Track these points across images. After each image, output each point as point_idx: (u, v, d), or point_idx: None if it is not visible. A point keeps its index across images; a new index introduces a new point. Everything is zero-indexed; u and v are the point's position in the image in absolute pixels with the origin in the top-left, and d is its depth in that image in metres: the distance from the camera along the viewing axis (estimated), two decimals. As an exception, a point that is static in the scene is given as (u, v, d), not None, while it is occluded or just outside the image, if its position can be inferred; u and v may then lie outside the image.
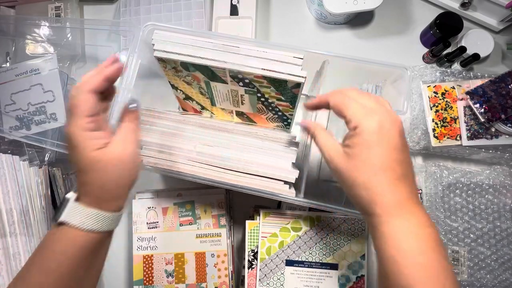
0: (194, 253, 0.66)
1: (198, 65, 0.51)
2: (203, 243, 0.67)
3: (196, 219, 0.67)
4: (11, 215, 0.61)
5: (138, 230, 0.67)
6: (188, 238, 0.67)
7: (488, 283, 0.69)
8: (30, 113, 0.72)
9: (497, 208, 0.72)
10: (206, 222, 0.67)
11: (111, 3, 0.87)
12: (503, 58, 0.82)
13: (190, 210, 0.67)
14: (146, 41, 0.58)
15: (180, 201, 0.68)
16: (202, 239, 0.67)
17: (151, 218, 0.67)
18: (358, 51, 0.83)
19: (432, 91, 0.74)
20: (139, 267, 0.65)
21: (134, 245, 0.66)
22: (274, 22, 0.86)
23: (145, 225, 0.67)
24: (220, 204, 0.68)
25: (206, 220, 0.67)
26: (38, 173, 0.68)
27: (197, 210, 0.67)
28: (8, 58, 0.80)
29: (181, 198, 0.68)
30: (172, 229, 0.67)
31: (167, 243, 0.67)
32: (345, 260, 0.66)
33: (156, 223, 0.67)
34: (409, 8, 0.85)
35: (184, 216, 0.68)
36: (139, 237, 0.66)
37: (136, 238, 0.66)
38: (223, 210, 0.68)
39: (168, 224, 0.67)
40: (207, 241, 0.67)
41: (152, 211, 0.68)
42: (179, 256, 0.66)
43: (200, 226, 0.67)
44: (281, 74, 0.48)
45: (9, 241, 0.60)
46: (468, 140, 0.72)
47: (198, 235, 0.67)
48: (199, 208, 0.68)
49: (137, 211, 0.68)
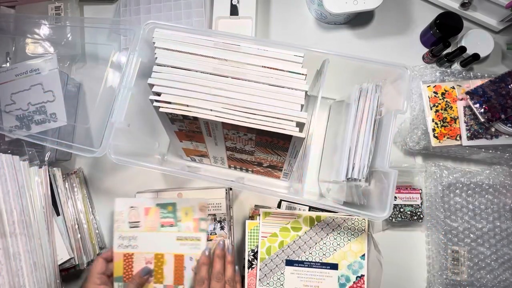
0: (173, 255, 0.67)
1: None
2: (182, 246, 0.67)
3: (177, 221, 0.68)
4: (11, 215, 0.61)
5: (119, 228, 0.67)
6: (169, 240, 0.67)
7: (488, 283, 0.69)
8: (30, 113, 0.72)
9: (497, 208, 0.72)
10: (186, 225, 0.68)
11: (111, 3, 0.87)
12: (503, 58, 0.82)
13: (172, 212, 0.68)
14: (146, 39, 0.58)
15: (162, 202, 0.68)
16: (182, 241, 0.67)
17: (132, 217, 0.68)
18: (358, 51, 0.83)
19: (432, 91, 0.74)
20: (119, 264, 0.66)
21: (115, 242, 0.67)
22: (274, 22, 0.86)
23: (127, 224, 0.67)
24: (201, 208, 0.68)
25: (187, 223, 0.68)
26: (38, 173, 0.68)
27: (178, 213, 0.68)
28: (8, 58, 0.80)
29: (163, 200, 0.69)
30: (153, 229, 0.67)
31: (148, 242, 0.67)
32: (345, 260, 0.66)
33: (138, 223, 0.68)
34: (409, 8, 0.85)
35: (166, 218, 0.68)
36: (120, 235, 0.67)
37: (118, 236, 0.67)
38: (205, 214, 0.68)
39: (149, 224, 0.68)
40: (186, 244, 0.67)
41: (134, 210, 0.68)
42: (159, 256, 0.67)
43: (181, 229, 0.68)
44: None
45: (9, 241, 0.60)
46: (468, 140, 0.72)
47: (179, 238, 0.67)
48: (180, 211, 0.68)
49: (119, 210, 0.68)
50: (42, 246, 0.65)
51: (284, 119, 0.51)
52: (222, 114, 0.52)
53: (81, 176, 0.76)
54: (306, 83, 0.52)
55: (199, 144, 0.65)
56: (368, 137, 0.59)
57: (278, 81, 0.52)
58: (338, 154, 0.63)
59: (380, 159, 0.58)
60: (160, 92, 0.52)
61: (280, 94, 0.52)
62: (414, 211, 0.73)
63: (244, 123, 0.51)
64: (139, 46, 0.58)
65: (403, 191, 0.74)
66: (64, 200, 0.71)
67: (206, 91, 0.52)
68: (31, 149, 0.69)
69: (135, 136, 0.65)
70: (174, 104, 0.52)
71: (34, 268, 0.62)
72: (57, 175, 0.72)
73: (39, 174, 0.67)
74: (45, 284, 0.64)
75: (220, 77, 0.53)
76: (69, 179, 0.74)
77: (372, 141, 0.59)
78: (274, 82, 0.52)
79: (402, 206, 0.73)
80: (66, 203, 0.72)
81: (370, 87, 0.61)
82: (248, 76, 0.53)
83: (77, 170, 0.76)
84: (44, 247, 0.65)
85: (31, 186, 0.66)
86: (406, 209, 0.73)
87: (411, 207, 0.73)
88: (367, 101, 0.61)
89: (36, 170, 0.67)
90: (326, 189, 0.72)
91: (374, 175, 0.61)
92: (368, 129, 0.60)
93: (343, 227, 0.67)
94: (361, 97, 0.61)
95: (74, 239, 0.70)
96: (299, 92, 0.52)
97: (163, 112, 0.53)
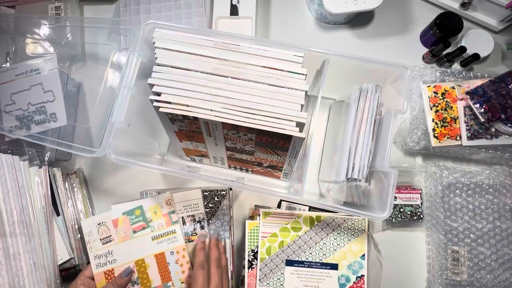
0: (153, 256, 0.67)
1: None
2: (160, 244, 0.67)
3: (148, 223, 0.68)
4: (11, 215, 0.61)
5: (93, 249, 0.67)
6: (145, 243, 0.67)
7: (488, 283, 0.69)
8: (30, 113, 0.72)
9: (497, 208, 0.72)
10: (158, 223, 0.68)
11: (111, 3, 0.87)
12: (503, 58, 0.82)
13: (140, 216, 0.68)
14: (146, 39, 0.58)
15: (127, 209, 0.68)
16: (158, 240, 0.67)
17: (103, 233, 0.67)
18: (358, 51, 0.83)
19: (432, 91, 0.74)
20: (102, 284, 0.65)
21: (93, 263, 0.66)
22: (274, 22, 0.86)
23: (99, 242, 0.67)
24: (168, 202, 0.68)
25: (158, 221, 0.68)
26: (38, 173, 0.68)
27: (147, 214, 0.68)
28: (8, 58, 0.80)
29: (128, 206, 0.68)
30: (126, 238, 0.67)
31: (125, 253, 0.67)
32: (345, 260, 0.66)
33: (109, 237, 0.67)
34: (409, 8, 0.85)
35: (136, 223, 0.68)
36: (96, 254, 0.66)
37: (93, 257, 0.66)
38: (173, 207, 0.68)
39: (121, 235, 0.67)
40: (163, 241, 0.67)
41: (103, 226, 0.68)
42: (140, 262, 0.67)
43: (154, 228, 0.68)
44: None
45: (9, 241, 0.60)
46: (468, 140, 0.72)
47: (154, 237, 0.67)
48: (148, 211, 0.68)
49: (87, 230, 0.67)
50: (42, 246, 0.65)
51: (284, 119, 0.51)
52: (222, 114, 0.52)
53: (81, 176, 0.76)
54: (306, 83, 0.52)
55: (199, 144, 0.65)
56: (368, 137, 0.59)
57: (278, 81, 0.52)
58: (338, 154, 0.63)
59: (380, 159, 0.58)
60: (160, 92, 0.52)
61: (280, 94, 0.52)
62: (414, 211, 0.73)
63: (244, 123, 0.51)
64: (139, 46, 0.58)
65: (403, 191, 0.74)
66: (64, 200, 0.71)
67: (206, 91, 0.52)
68: (31, 149, 0.69)
69: (135, 136, 0.65)
70: (174, 104, 0.52)
71: (34, 268, 0.62)
72: (57, 175, 0.72)
73: (39, 174, 0.68)
74: (45, 284, 0.64)
75: (220, 77, 0.53)
76: (69, 179, 0.74)
77: (372, 141, 0.59)
78: (274, 82, 0.52)
79: (402, 206, 0.73)
80: (66, 203, 0.72)
81: (370, 87, 0.61)
82: (248, 76, 0.53)
83: (77, 170, 0.76)
84: (44, 247, 0.65)
85: (31, 186, 0.66)
86: (406, 209, 0.73)
87: (411, 207, 0.73)
88: (367, 101, 0.61)
89: (36, 170, 0.67)
90: (326, 189, 0.72)
91: (374, 175, 0.61)
92: (368, 129, 0.60)
93: (343, 227, 0.67)
94: (361, 97, 0.61)
95: (74, 239, 0.70)
96: (299, 92, 0.52)
97: (163, 112, 0.53)
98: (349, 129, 0.61)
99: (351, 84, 0.63)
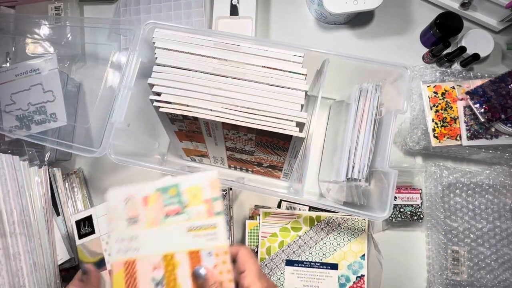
0: (187, 253, 0.49)
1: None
2: (196, 238, 0.49)
3: (183, 207, 0.50)
4: (11, 215, 0.61)
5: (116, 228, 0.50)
6: (177, 233, 0.49)
7: (488, 283, 0.69)
8: (30, 113, 0.72)
9: (497, 208, 0.72)
10: (197, 210, 0.50)
11: (111, 3, 0.87)
12: (503, 58, 0.82)
13: (176, 196, 0.50)
14: (146, 39, 0.58)
15: (162, 186, 0.51)
16: (195, 232, 0.49)
17: (130, 211, 0.51)
18: (358, 51, 0.83)
19: (432, 91, 0.74)
20: (119, 278, 0.48)
21: (113, 247, 0.49)
22: (274, 22, 0.86)
23: (125, 222, 0.50)
24: (213, 184, 0.50)
25: (197, 208, 0.50)
26: (38, 173, 0.68)
27: (183, 196, 0.50)
28: (8, 58, 0.80)
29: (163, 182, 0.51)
30: (156, 223, 0.50)
31: (152, 242, 0.50)
32: (345, 260, 0.66)
33: (137, 218, 0.50)
34: (409, 8, 0.85)
35: (169, 205, 0.50)
36: (119, 236, 0.50)
37: (115, 240, 0.50)
38: (218, 192, 0.50)
39: (151, 217, 0.50)
40: (201, 235, 0.49)
41: (131, 202, 0.51)
42: (168, 258, 0.49)
43: (190, 216, 0.50)
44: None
45: (9, 241, 0.60)
46: (468, 140, 0.72)
47: (190, 228, 0.49)
48: (186, 193, 0.50)
49: (113, 204, 0.51)
50: (42, 246, 0.65)
51: (284, 119, 0.51)
52: (222, 114, 0.52)
53: (81, 176, 0.76)
54: (306, 83, 0.52)
55: (199, 144, 0.65)
56: (368, 137, 0.59)
57: (278, 81, 0.53)
58: (338, 154, 0.63)
59: (380, 159, 0.58)
60: (160, 92, 0.52)
61: (280, 94, 0.52)
62: (414, 211, 0.73)
63: (244, 123, 0.51)
64: (139, 46, 0.58)
65: (403, 191, 0.74)
66: (64, 200, 0.71)
67: (206, 91, 0.52)
68: (31, 149, 0.69)
69: (135, 136, 0.65)
70: (174, 104, 0.52)
71: (34, 268, 0.62)
72: (57, 175, 0.72)
73: (39, 174, 0.67)
74: (45, 284, 0.64)
75: (220, 77, 0.53)
76: (69, 179, 0.74)
77: (372, 141, 0.59)
78: (274, 82, 0.53)
79: (402, 206, 0.73)
80: (66, 203, 0.72)
81: (370, 87, 0.61)
82: (248, 76, 0.53)
83: (77, 170, 0.76)
84: (44, 247, 0.65)
85: (31, 186, 0.66)
86: (406, 209, 0.73)
87: (411, 207, 0.73)
88: (367, 101, 0.61)
89: (36, 170, 0.67)
90: (326, 189, 0.72)
91: (374, 175, 0.61)
92: (368, 129, 0.60)
93: (343, 227, 0.67)
94: (361, 97, 0.61)
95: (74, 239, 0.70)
96: (299, 92, 0.52)
97: (163, 112, 0.53)
98: (349, 129, 0.61)
99: (351, 84, 0.63)
